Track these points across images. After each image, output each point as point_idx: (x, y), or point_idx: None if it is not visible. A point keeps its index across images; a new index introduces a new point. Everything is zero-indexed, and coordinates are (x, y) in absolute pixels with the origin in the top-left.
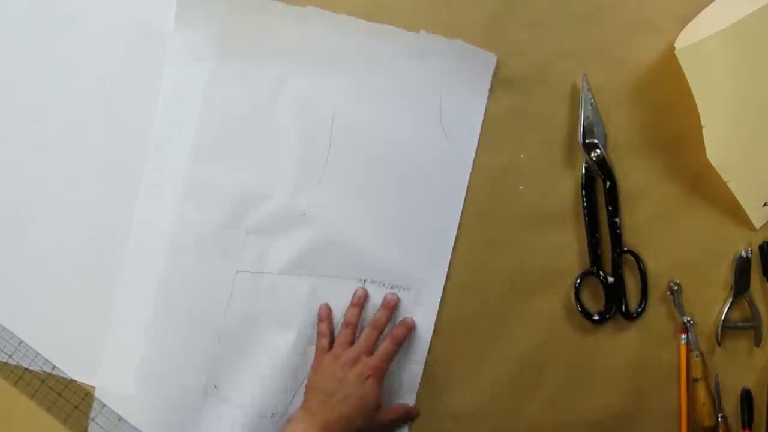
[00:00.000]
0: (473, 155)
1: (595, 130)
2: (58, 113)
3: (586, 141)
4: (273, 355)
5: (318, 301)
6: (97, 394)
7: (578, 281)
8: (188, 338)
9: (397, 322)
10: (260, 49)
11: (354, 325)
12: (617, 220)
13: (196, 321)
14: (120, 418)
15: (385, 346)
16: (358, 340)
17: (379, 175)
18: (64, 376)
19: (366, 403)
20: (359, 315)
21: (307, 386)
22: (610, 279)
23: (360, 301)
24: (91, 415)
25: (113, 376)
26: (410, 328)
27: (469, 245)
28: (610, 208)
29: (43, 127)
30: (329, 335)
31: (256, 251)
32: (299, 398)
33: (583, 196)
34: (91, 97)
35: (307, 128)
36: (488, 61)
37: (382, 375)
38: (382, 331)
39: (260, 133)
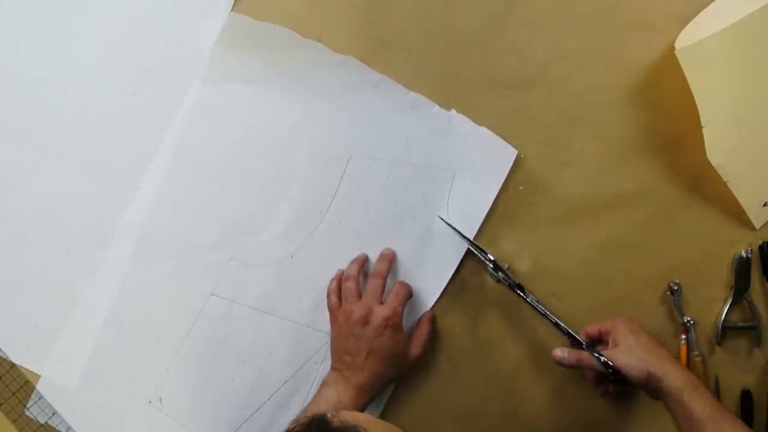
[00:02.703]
0: (471, 238)
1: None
2: (66, 110)
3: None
4: (226, 386)
5: (284, 346)
6: (40, 383)
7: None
8: (145, 345)
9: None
10: (292, 84)
11: (356, 279)
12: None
13: (157, 330)
14: (54, 412)
15: (395, 291)
16: (365, 291)
17: (374, 237)
18: (8, 359)
19: (392, 353)
20: (359, 270)
21: (331, 348)
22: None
23: (360, 259)
24: (27, 404)
25: (61, 367)
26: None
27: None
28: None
29: (45, 116)
30: (338, 291)
31: (234, 279)
32: (246, 428)
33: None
34: (100, 99)
35: (318, 171)
36: (509, 154)
37: (398, 320)
38: (385, 280)
39: (272, 164)
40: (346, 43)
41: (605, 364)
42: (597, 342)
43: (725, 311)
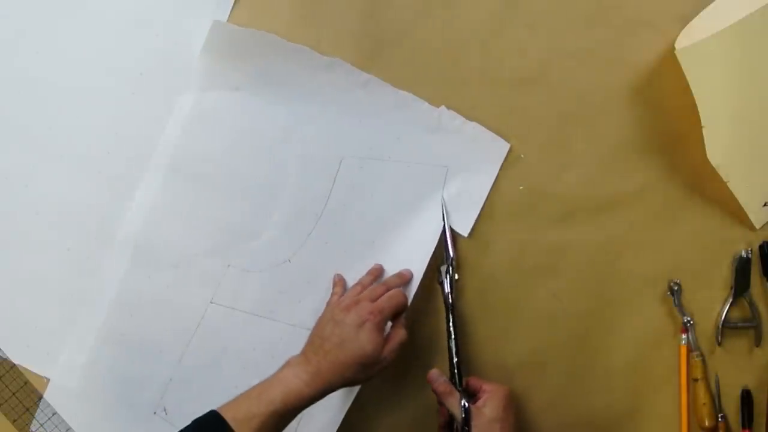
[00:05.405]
0: (466, 234)
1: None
2: (66, 110)
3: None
4: (230, 393)
5: (285, 350)
6: (47, 392)
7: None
8: (147, 356)
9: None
10: (280, 89)
11: (365, 286)
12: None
13: (158, 341)
14: (54, 413)
15: (389, 294)
16: (364, 292)
17: (369, 237)
18: (8, 360)
19: (363, 351)
20: (372, 282)
21: (310, 332)
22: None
23: (375, 272)
24: (27, 404)
25: (63, 372)
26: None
27: (468, 247)
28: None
29: (45, 116)
30: (341, 294)
31: (232, 286)
32: None
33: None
34: (100, 99)
35: (311, 174)
36: (501, 147)
37: (381, 321)
38: (388, 291)
39: (264, 169)
40: (346, 44)
41: (465, 412)
42: (472, 394)
43: (725, 311)
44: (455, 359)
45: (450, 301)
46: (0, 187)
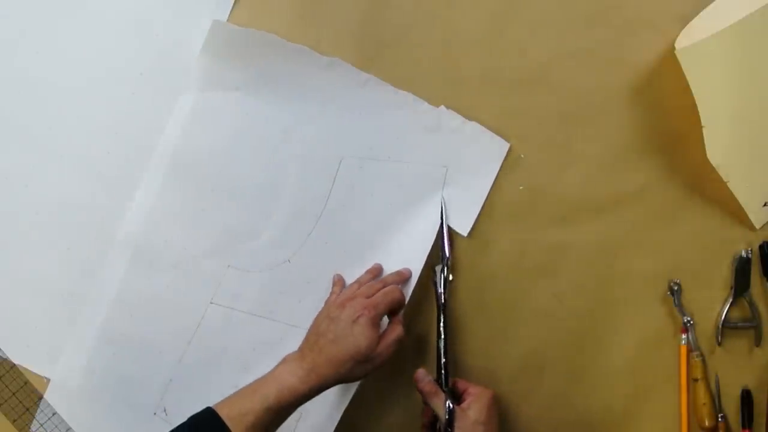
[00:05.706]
0: (466, 234)
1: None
2: (66, 110)
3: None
4: (230, 393)
5: (285, 350)
6: (47, 392)
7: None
8: (147, 357)
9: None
10: (280, 89)
11: (362, 284)
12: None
13: (158, 342)
14: (54, 413)
15: (385, 290)
16: (361, 288)
17: (369, 237)
18: (8, 360)
19: (357, 347)
20: (371, 280)
21: (308, 330)
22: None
23: (374, 271)
24: (27, 404)
25: (63, 373)
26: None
27: (468, 247)
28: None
29: (45, 116)
30: (339, 293)
31: (232, 286)
32: None
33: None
34: (100, 99)
35: (310, 174)
36: (501, 147)
37: (376, 316)
38: (385, 287)
39: (264, 170)
40: (346, 44)
41: (449, 413)
42: (457, 396)
43: (725, 311)
44: (443, 360)
45: (442, 301)
46: (0, 187)
